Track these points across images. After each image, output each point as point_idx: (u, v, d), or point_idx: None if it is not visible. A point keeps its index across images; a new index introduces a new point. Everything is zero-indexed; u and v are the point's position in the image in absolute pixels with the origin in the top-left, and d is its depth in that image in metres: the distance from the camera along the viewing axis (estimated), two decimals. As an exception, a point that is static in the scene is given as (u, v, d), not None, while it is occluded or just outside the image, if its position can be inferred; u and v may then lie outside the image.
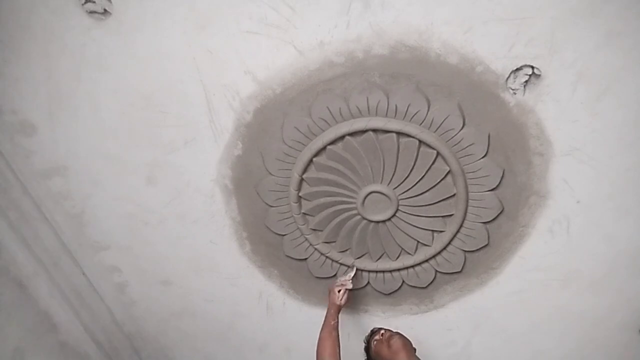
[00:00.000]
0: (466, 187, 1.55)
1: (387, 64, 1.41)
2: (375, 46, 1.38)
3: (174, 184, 1.74)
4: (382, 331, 1.71)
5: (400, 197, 1.61)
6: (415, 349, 1.67)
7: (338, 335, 1.67)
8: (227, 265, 1.92)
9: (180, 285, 2.02)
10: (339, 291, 1.72)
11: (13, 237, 1.77)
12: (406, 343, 1.64)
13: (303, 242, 1.79)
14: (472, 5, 1.28)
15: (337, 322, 1.70)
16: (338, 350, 1.62)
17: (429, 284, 1.82)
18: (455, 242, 1.69)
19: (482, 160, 1.51)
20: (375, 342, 1.70)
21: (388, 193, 1.60)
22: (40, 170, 1.75)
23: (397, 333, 1.69)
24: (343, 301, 1.72)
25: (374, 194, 1.61)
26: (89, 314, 2.05)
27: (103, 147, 1.68)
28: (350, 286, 1.74)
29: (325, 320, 1.71)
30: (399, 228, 1.68)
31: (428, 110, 1.45)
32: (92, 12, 1.39)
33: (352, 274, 1.77)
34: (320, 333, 1.67)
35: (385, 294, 1.88)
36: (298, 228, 1.75)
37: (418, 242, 1.71)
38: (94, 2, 1.37)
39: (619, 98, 1.37)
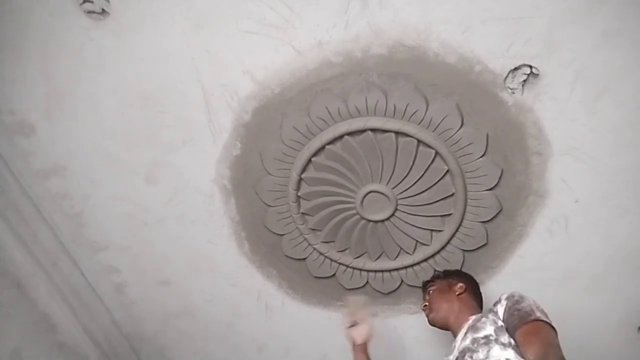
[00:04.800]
0: (465, 186, 1.55)
1: (386, 64, 1.41)
2: (374, 46, 1.39)
3: (172, 184, 1.74)
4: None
5: (398, 197, 1.61)
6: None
7: None
8: (226, 265, 1.92)
9: (179, 285, 2.02)
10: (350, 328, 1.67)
11: (12, 237, 1.76)
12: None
13: (302, 241, 1.79)
14: (471, 4, 1.28)
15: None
16: None
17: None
18: (454, 241, 1.69)
19: (480, 159, 1.51)
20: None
21: (387, 192, 1.60)
22: (39, 170, 1.74)
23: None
24: (362, 335, 1.65)
25: (372, 193, 1.62)
26: (88, 314, 2.05)
27: (102, 147, 1.67)
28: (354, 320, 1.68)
29: None
30: (397, 227, 1.68)
31: (426, 110, 1.45)
32: (90, 12, 1.39)
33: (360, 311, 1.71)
34: None
35: (384, 294, 1.88)
36: (297, 228, 1.75)
37: (417, 241, 1.71)
38: (92, 2, 1.37)
39: (617, 97, 1.37)
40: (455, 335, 1.46)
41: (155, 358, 2.30)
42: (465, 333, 1.35)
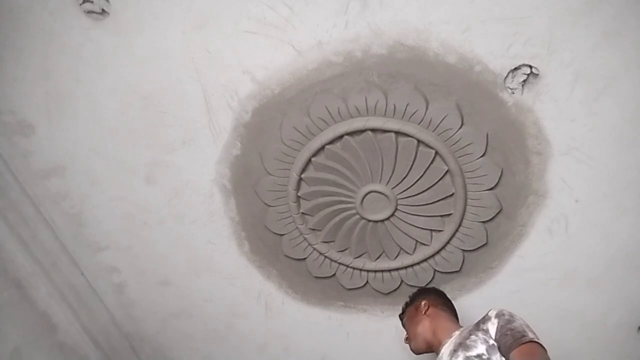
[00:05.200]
0: (465, 186, 1.55)
1: (386, 64, 1.41)
2: (374, 46, 1.39)
3: (172, 184, 1.74)
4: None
5: (398, 197, 1.61)
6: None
7: None
8: (225, 265, 1.92)
9: (179, 286, 2.02)
10: None
11: (11, 237, 1.76)
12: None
13: (302, 241, 1.79)
14: (471, 4, 1.28)
15: None
16: None
17: (427, 284, 1.82)
18: (454, 241, 1.69)
19: (480, 159, 1.51)
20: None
21: (387, 192, 1.60)
22: (39, 170, 1.74)
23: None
24: None
25: (372, 193, 1.61)
26: (88, 314, 2.05)
27: (101, 147, 1.67)
28: None
29: None
30: (397, 227, 1.68)
31: (426, 110, 1.45)
32: (90, 12, 1.39)
33: None
34: None
35: (384, 294, 1.88)
36: (297, 228, 1.75)
37: (417, 241, 1.71)
38: (92, 2, 1.37)
39: (616, 97, 1.37)
40: (437, 352, 1.48)
41: (155, 358, 2.30)
42: (455, 350, 1.34)
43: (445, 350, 1.42)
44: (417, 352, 1.59)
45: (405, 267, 1.79)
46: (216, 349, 2.22)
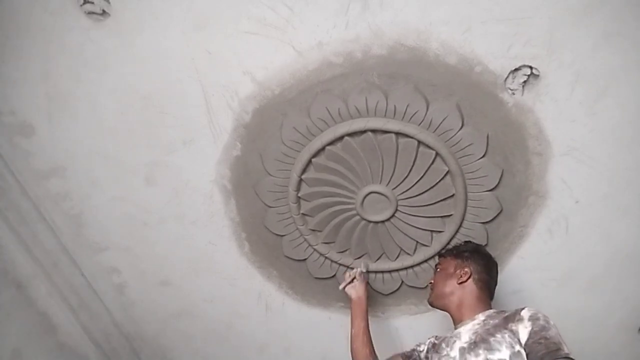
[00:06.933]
0: (465, 187, 1.55)
1: (386, 64, 1.41)
2: (374, 46, 1.39)
3: (172, 185, 1.74)
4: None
5: (399, 198, 1.61)
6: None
7: (367, 339, 1.62)
8: (226, 266, 1.92)
9: (180, 286, 2.02)
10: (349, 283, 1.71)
11: (12, 238, 1.76)
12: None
13: (302, 242, 1.79)
14: (470, 5, 1.28)
15: (364, 324, 1.64)
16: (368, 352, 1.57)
17: (428, 284, 1.82)
18: (455, 242, 1.68)
19: (480, 160, 1.51)
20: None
21: (387, 193, 1.60)
22: (39, 171, 1.74)
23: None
24: (357, 291, 1.68)
25: (373, 194, 1.61)
26: (88, 315, 2.05)
27: (102, 147, 1.67)
28: (351, 277, 1.72)
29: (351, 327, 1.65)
30: (398, 228, 1.68)
31: (427, 111, 1.45)
32: (90, 13, 1.39)
33: (359, 270, 1.74)
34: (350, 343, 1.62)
35: (385, 294, 1.88)
36: (297, 229, 1.75)
37: (417, 242, 1.71)
38: (93, 2, 1.37)
39: (617, 98, 1.37)
40: (455, 325, 1.43)
41: (155, 358, 2.30)
42: (476, 344, 1.27)
43: (464, 331, 1.34)
44: (432, 306, 1.55)
45: (406, 268, 1.78)
46: (216, 349, 2.21)
